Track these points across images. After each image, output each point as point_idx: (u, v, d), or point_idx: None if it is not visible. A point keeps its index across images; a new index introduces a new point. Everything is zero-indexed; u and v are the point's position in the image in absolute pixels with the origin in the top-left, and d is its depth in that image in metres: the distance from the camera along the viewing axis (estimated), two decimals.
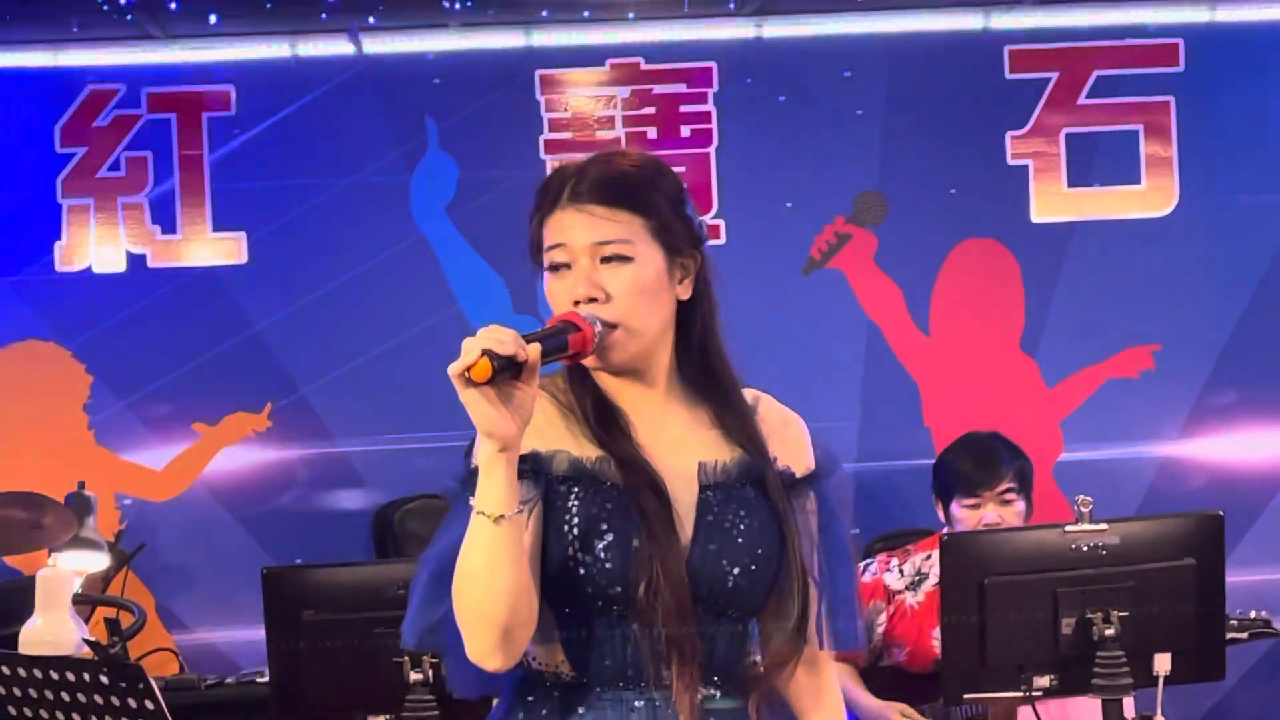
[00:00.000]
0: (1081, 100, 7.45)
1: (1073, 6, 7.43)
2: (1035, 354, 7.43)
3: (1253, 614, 5.51)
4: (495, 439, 2.54)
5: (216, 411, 7.22)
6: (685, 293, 2.82)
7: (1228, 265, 7.46)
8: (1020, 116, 7.44)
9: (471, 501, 2.59)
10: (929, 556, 5.51)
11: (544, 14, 6.75)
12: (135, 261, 7.25)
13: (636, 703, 2.71)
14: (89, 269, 7.24)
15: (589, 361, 2.75)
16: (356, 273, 7.25)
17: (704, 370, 2.85)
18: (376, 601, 4.21)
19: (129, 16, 6.70)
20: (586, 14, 6.76)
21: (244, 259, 7.26)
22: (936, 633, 4.97)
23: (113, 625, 4.07)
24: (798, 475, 2.84)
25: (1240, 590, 5.64)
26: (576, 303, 2.74)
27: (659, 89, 7.27)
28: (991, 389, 7.30)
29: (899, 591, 5.54)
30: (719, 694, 2.76)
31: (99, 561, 6.05)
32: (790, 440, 2.88)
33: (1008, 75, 7.45)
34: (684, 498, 2.73)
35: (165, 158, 7.26)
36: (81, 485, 6.25)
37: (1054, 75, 7.44)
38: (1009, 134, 7.43)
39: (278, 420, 7.23)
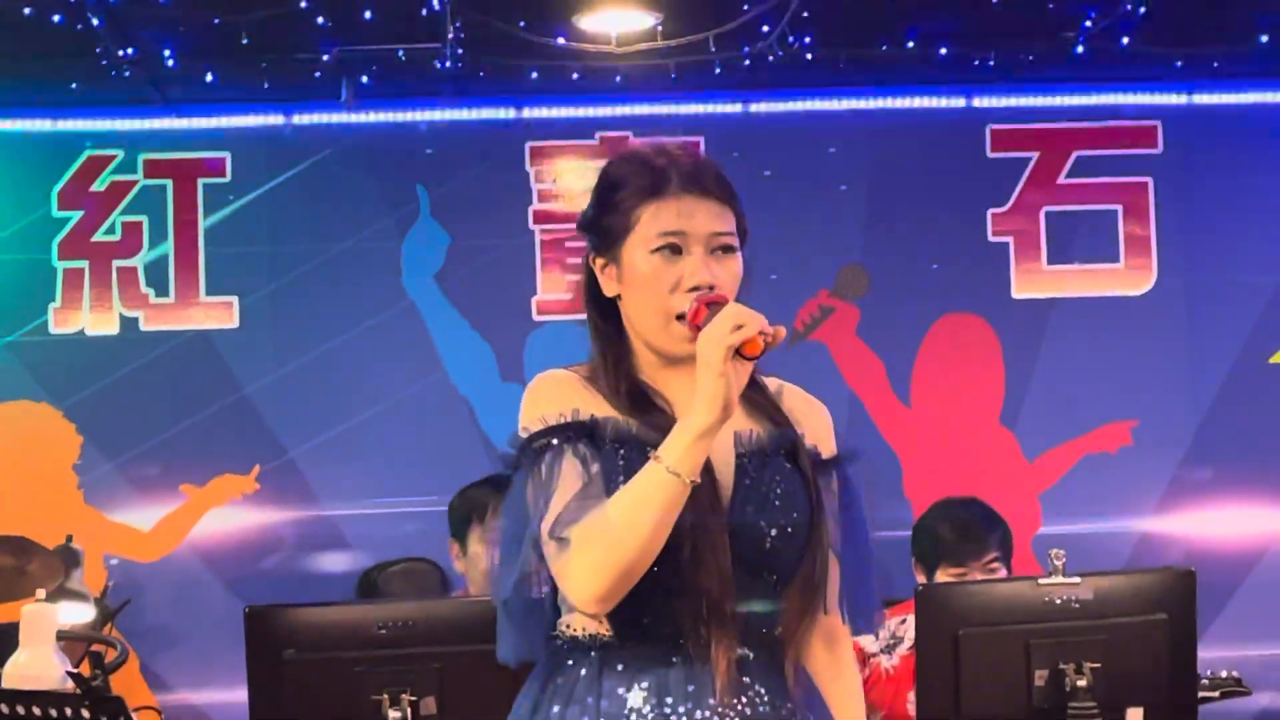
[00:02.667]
0: (1061, 180, 7.57)
1: (1053, 88, 7.55)
2: (1015, 428, 7.51)
3: (1224, 673, 5.55)
4: (725, 410, 2.65)
5: (205, 473, 7.28)
6: None
7: (1204, 344, 7.55)
8: (1001, 194, 7.55)
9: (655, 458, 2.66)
10: (904, 621, 5.53)
11: (533, 75, 6.81)
12: (128, 324, 7.33)
13: (674, 659, 2.78)
14: (82, 331, 7.32)
15: (686, 348, 2.79)
16: (346, 338, 7.33)
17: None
18: (358, 641, 4.22)
19: (127, 73, 6.78)
20: (575, 75, 6.83)
21: (235, 323, 7.35)
22: (912, 695, 4.99)
23: (96, 659, 4.11)
24: (823, 456, 2.93)
25: (1216, 665, 5.67)
26: (693, 289, 2.82)
27: None
28: (971, 461, 7.37)
29: (874, 655, 5.55)
30: (753, 654, 2.83)
31: (84, 613, 6.08)
32: (815, 424, 2.98)
33: (989, 154, 7.57)
34: (722, 464, 2.82)
35: (160, 222, 7.35)
36: (69, 538, 6.29)
37: (1035, 155, 7.57)
38: (990, 211, 7.54)
39: (265, 483, 7.29)
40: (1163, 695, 4.65)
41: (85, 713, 4.02)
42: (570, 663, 2.83)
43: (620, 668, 2.79)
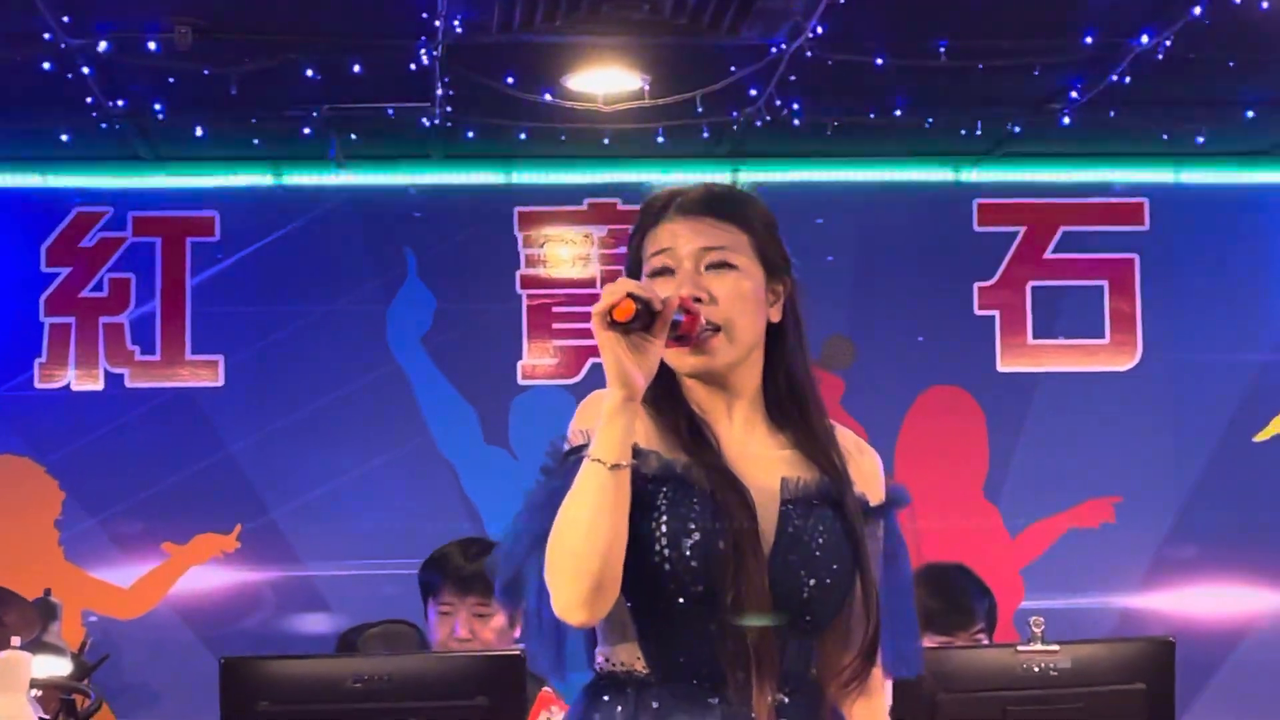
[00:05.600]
0: (1048, 254, 7.60)
1: (1041, 163, 7.59)
2: (998, 501, 7.52)
3: None
4: (624, 386, 2.65)
5: (186, 531, 7.27)
6: (776, 315, 2.90)
7: (1189, 421, 7.57)
8: (988, 268, 7.58)
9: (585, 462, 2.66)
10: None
11: (521, 135, 6.84)
12: (113, 381, 7.33)
13: (711, 700, 2.77)
14: (68, 386, 7.32)
15: (684, 363, 2.83)
16: (331, 399, 7.34)
17: (790, 394, 2.91)
18: (333, 694, 4.18)
19: (117, 126, 6.80)
20: (563, 137, 6.85)
21: (220, 382, 7.35)
22: None
23: (69, 706, 4.10)
24: (871, 504, 2.92)
25: None
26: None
27: None
28: (954, 534, 7.35)
29: None
30: (789, 699, 2.81)
31: (60, 667, 6.05)
32: (865, 470, 2.95)
33: (976, 227, 7.61)
34: (767, 510, 2.80)
35: (148, 280, 7.37)
36: (48, 591, 6.28)
37: (1021, 229, 7.60)
38: (976, 284, 7.57)
39: (247, 542, 7.28)
40: None
41: None
42: (606, 699, 2.82)
43: (656, 707, 2.78)
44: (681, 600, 2.75)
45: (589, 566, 2.66)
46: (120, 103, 6.62)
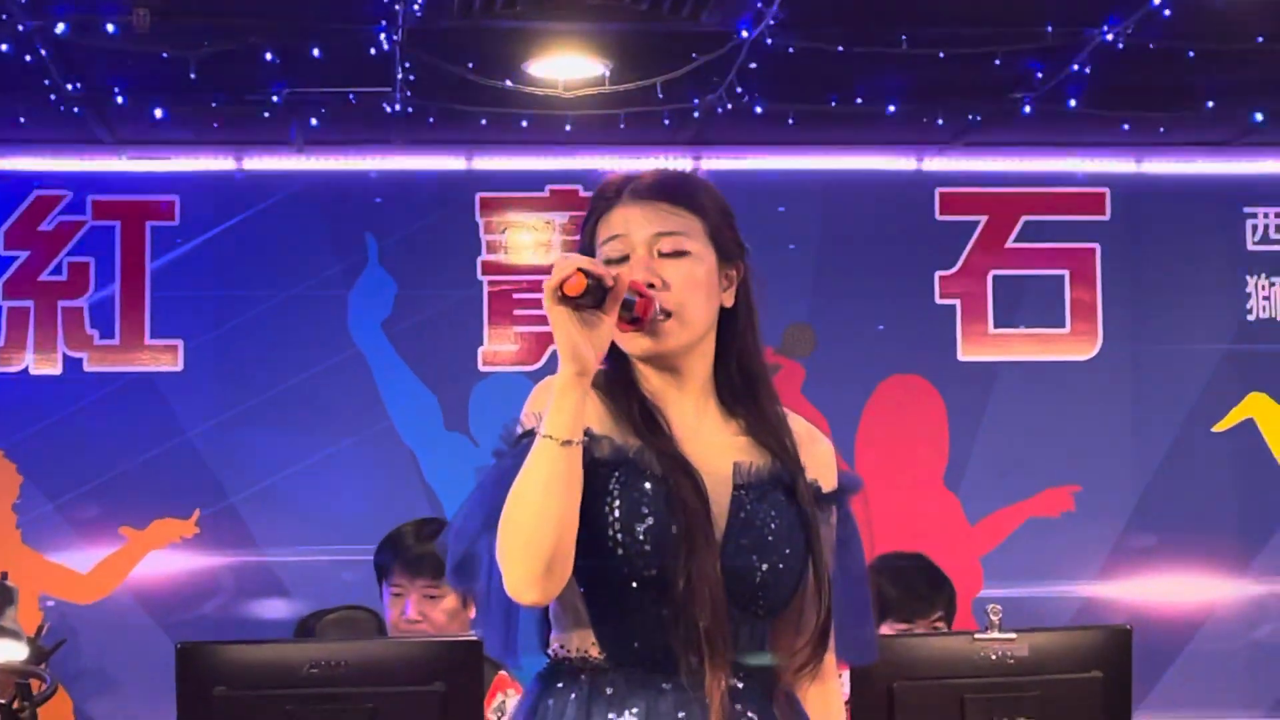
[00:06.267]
0: (1009, 244, 7.62)
1: (1003, 152, 7.60)
2: (958, 490, 7.53)
3: None
4: (575, 361, 2.66)
5: (144, 516, 7.24)
6: (729, 300, 2.91)
7: (1149, 410, 7.60)
8: (949, 257, 7.59)
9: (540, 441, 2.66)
10: (840, 674, 5.52)
11: (482, 121, 6.82)
12: (72, 365, 7.30)
13: (665, 685, 2.77)
14: (26, 370, 7.28)
15: (636, 346, 2.83)
16: (291, 384, 7.32)
17: (742, 379, 2.92)
18: (290, 680, 4.16)
19: (76, 110, 6.77)
20: (524, 123, 6.84)
21: (180, 366, 7.32)
22: None
23: (23, 690, 4.08)
24: (824, 490, 2.93)
25: None
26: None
27: None
28: (914, 523, 7.35)
29: None
30: (743, 684, 2.82)
31: (16, 651, 6.01)
32: (817, 456, 2.96)
33: (938, 216, 7.61)
34: (719, 495, 2.81)
35: (107, 264, 7.33)
36: (4, 575, 6.24)
37: (983, 218, 7.61)
38: (938, 273, 7.58)
39: (205, 527, 7.26)
40: None
41: None
42: (560, 685, 2.82)
43: (610, 692, 2.78)
44: (635, 585, 2.75)
45: (540, 543, 2.66)
46: (78, 86, 6.59)
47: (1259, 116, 7.19)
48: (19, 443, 7.25)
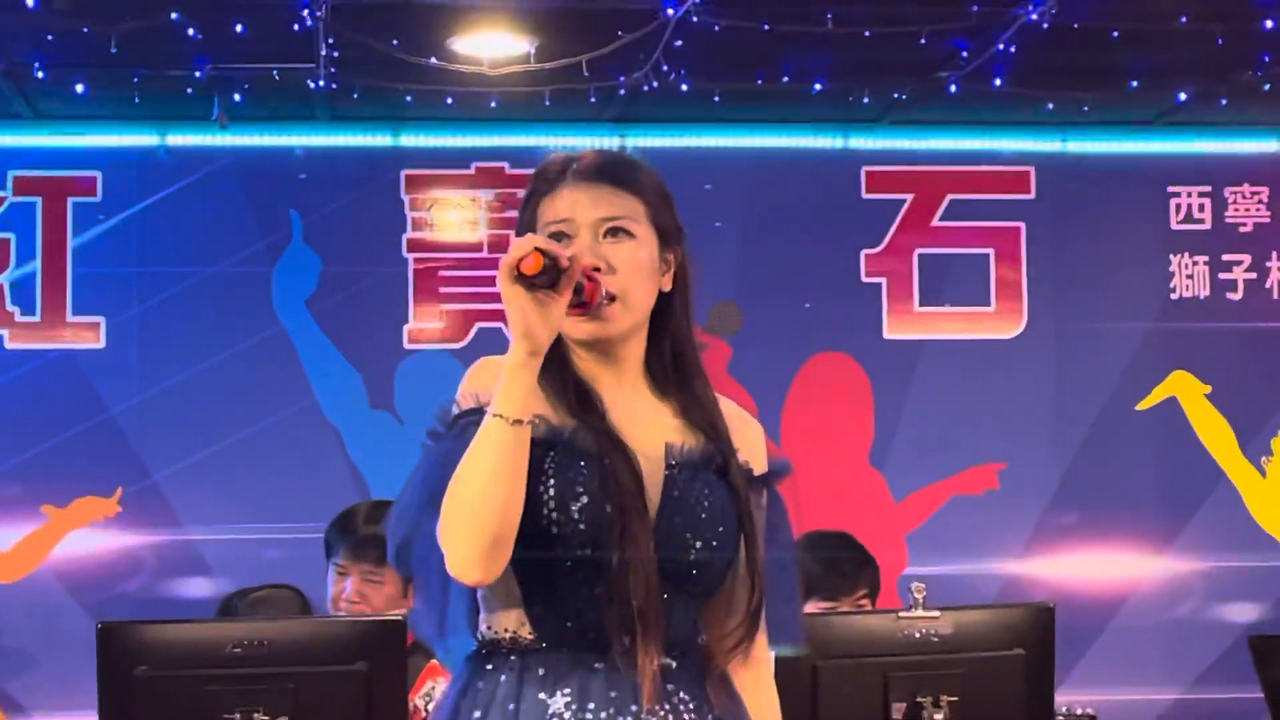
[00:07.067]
0: (935, 222, 7.64)
1: (929, 131, 7.62)
2: (883, 468, 7.56)
3: (1080, 710, 5.59)
4: (528, 341, 2.64)
5: (66, 494, 7.19)
6: (667, 284, 2.90)
7: (1073, 388, 7.64)
8: (875, 235, 7.61)
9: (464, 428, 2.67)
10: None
11: (408, 99, 6.80)
12: None
13: (597, 665, 2.76)
14: None
15: (580, 330, 2.82)
16: (214, 361, 7.28)
17: (675, 364, 2.91)
18: (212, 659, 4.16)
19: None
20: (450, 100, 6.82)
21: (102, 344, 7.28)
22: None
23: None
24: (755, 473, 2.93)
25: (1076, 708, 5.69)
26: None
27: (523, 193, 7.34)
28: (840, 500, 7.38)
29: None
30: (676, 664, 2.81)
31: None
32: (748, 439, 2.95)
33: (864, 195, 7.63)
34: (652, 474, 2.80)
35: (28, 240, 7.28)
36: None
37: (909, 197, 7.63)
38: (864, 252, 7.60)
39: (128, 506, 7.21)
40: None
41: None
42: (490, 667, 2.81)
43: (542, 673, 2.77)
44: (568, 564, 2.74)
45: (487, 522, 2.65)
46: None
47: (1183, 96, 7.23)
48: None
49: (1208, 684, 7.48)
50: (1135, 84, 7.00)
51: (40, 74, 6.63)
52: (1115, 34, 6.39)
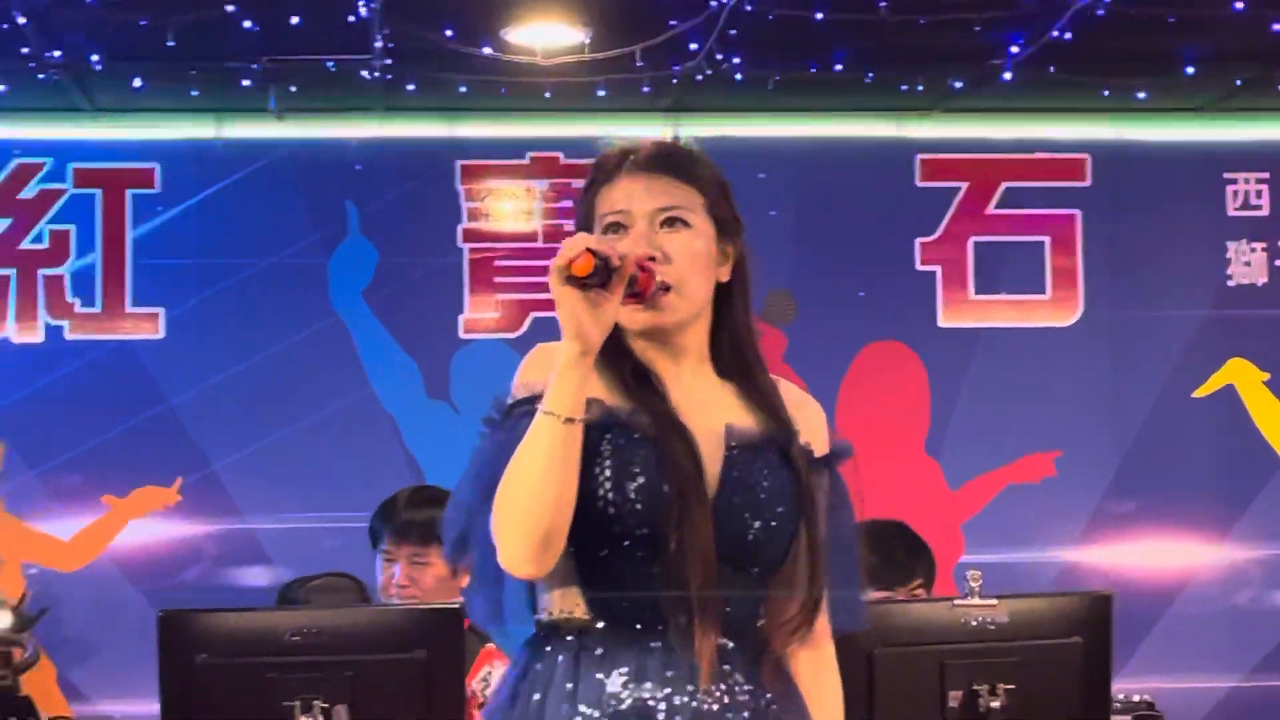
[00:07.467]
0: (990, 210, 7.62)
1: (983, 118, 7.60)
2: (939, 456, 7.55)
3: (1137, 698, 5.59)
4: (580, 340, 2.65)
5: (127, 484, 7.24)
6: (725, 275, 2.91)
7: (1129, 376, 7.61)
8: (930, 223, 7.60)
9: (539, 412, 2.66)
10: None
11: (462, 89, 6.82)
12: (53, 333, 7.30)
13: (653, 644, 2.77)
14: (6, 339, 7.28)
15: (635, 320, 2.83)
16: (272, 352, 7.32)
17: (734, 354, 2.92)
18: (271, 647, 4.18)
19: (55, 77, 6.76)
20: (504, 90, 6.84)
21: (161, 334, 7.33)
22: None
23: (4, 658, 4.09)
24: (816, 454, 2.92)
25: (1133, 695, 5.69)
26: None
27: (577, 183, 7.36)
28: (896, 489, 7.35)
29: None
30: (733, 644, 2.81)
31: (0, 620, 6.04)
32: (809, 421, 2.95)
33: (918, 183, 7.62)
34: (712, 455, 2.81)
35: (88, 232, 7.33)
36: None
37: (963, 185, 7.62)
38: (918, 240, 7.59)
39: (187, 495, 7.26)
40: (1076, 718, 4.67)
41: None
42: (549, 649, 2.82)
43: (599, 653, 2.78)
44: (626, 544, 2.75)
45: (538, 520, 2.67)
46: (57, 53, 6.58)
47: (1240, 82, 7.19)
48: (1, 411, 7.23)
49: (1266, 672, 7.46)
50: (1191, 70, 6.97)
51: (99, 67, 6.69)
52: (1172, 19, 6.37)
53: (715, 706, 2.78)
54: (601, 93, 6.88)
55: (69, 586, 7.18)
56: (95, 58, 6.64)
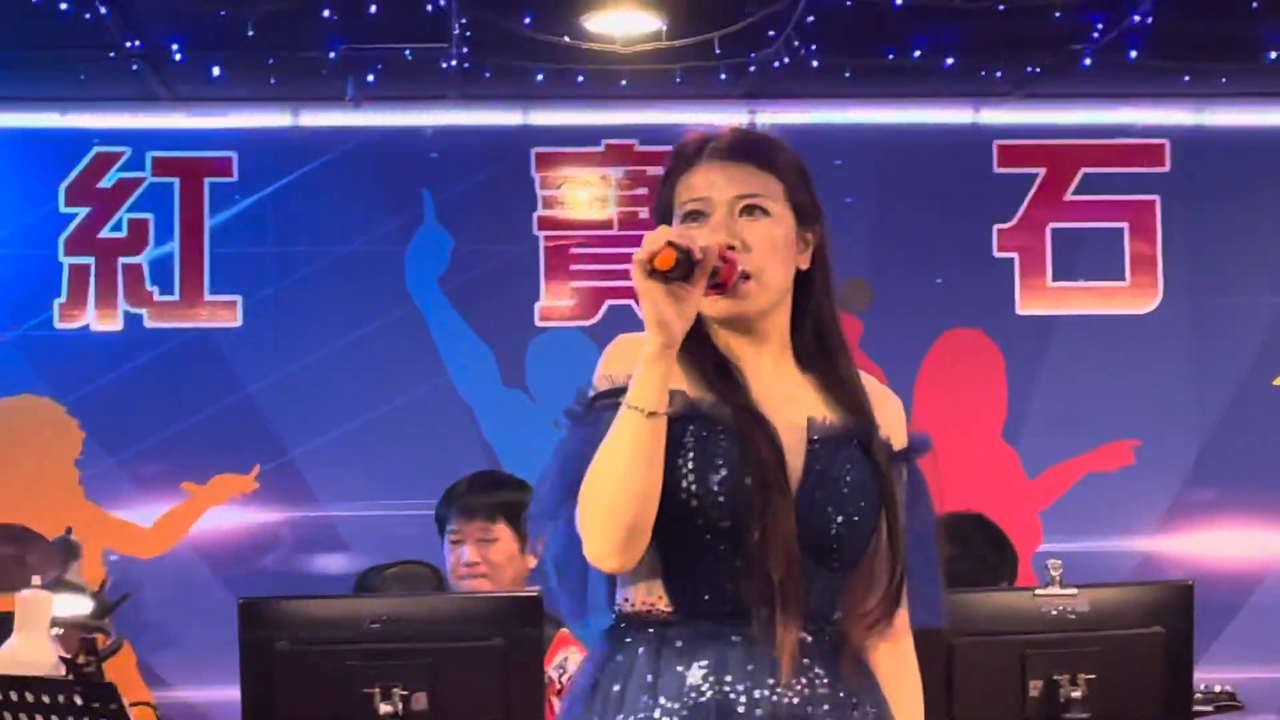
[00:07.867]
0: (1068, 196, 7.58)
1: (1061, 104, 7.56)
2: (1017, 444, 7.51)
3: (1219, 688, 5.54)
4: (663, 333, 2.65)
5: (205, 472, 7.30)
6: (805, 263, 2.90)
7: (1209, 364, 7.56)
8: (1007, 210, 7.56)
9: (623, 405, 2.67)
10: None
11: (539, 77, 6.82)
12: (132, 321, 7.35)
13: (734, 637, 2.77)
14: (87, 327, 7.34)
15: (716, 308, 2.82)
16: (348, 340, 7.35)
17: (817, 341, 2.91)
18: (350, 634, 4.20)
19: (135, 67, 6.80)
20: (580, 78, 6.84)
21: (239, 322, 7.37)
22: None
23: (88, 645, 4.11)
24: (895, 448, 2.92)
25: (1214, 685, 5.65)
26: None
27: (653, 170, 7.38)
28: (973, 477, 7.35)
29: None
30: (813, 638, 2.81)
31: (81, 605, 6.05)
32: (888, 414, 2.94)
33: (996, 169, 7.59)
34: (794, 448, 2.81)
35: (166, 220, 7.38)
36: (69, 530, 6.30)
37: (1041, 171, 7.58)
38: (996, 227, 7.55)
39: (265, 482, 7.31)
40: (1157, 708, 4.62)
41: (77, 699, 4.02)
42: (629, 640, 2.82)
43: (679, 645, 2.78)
44: (708, 536, 2.75)
45: (623, 513, 2.67)
46: (137, 43, 6.62)
47: None
48: (81, 399, 7.30)
49: None
50: (1273, 55, 6.91)
51: (178, 56, 6.73)
52: (1254, 4, 6.31)
53: (795, 700, 2.77)
54: (678, 80, 6.87)
55: (149, 573, 7.23)
56: (175, 47, 6.68)
